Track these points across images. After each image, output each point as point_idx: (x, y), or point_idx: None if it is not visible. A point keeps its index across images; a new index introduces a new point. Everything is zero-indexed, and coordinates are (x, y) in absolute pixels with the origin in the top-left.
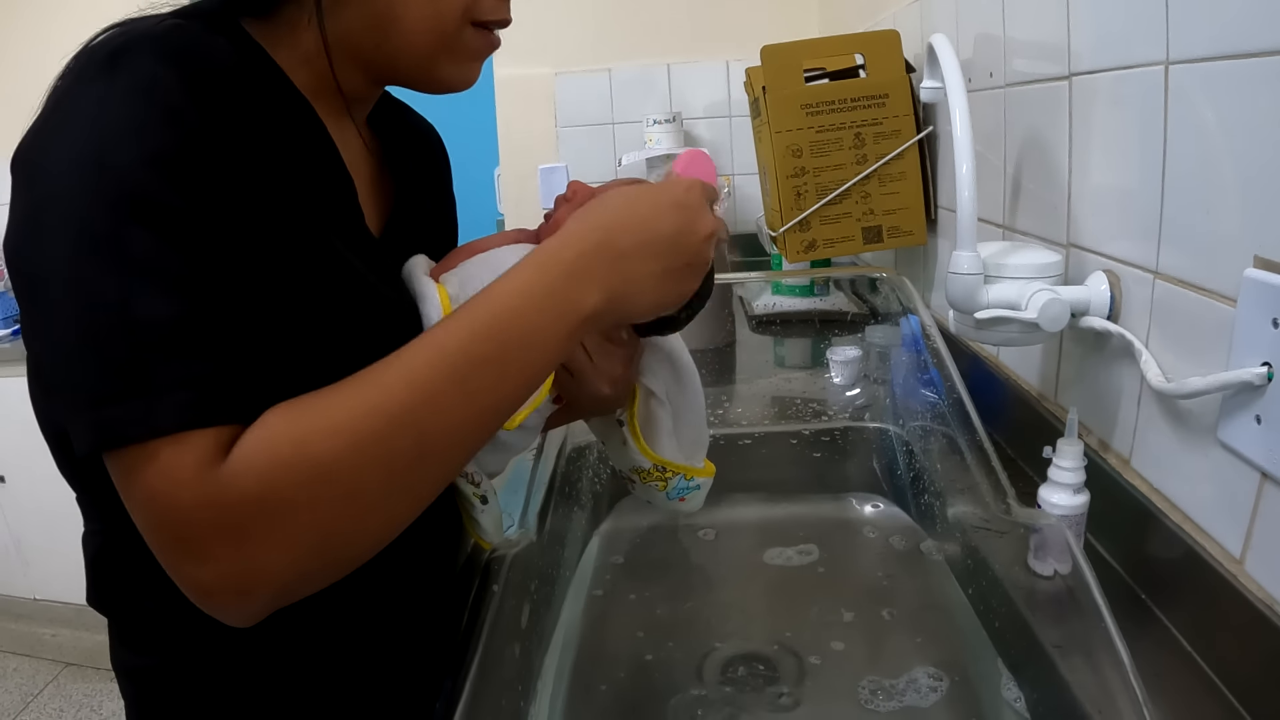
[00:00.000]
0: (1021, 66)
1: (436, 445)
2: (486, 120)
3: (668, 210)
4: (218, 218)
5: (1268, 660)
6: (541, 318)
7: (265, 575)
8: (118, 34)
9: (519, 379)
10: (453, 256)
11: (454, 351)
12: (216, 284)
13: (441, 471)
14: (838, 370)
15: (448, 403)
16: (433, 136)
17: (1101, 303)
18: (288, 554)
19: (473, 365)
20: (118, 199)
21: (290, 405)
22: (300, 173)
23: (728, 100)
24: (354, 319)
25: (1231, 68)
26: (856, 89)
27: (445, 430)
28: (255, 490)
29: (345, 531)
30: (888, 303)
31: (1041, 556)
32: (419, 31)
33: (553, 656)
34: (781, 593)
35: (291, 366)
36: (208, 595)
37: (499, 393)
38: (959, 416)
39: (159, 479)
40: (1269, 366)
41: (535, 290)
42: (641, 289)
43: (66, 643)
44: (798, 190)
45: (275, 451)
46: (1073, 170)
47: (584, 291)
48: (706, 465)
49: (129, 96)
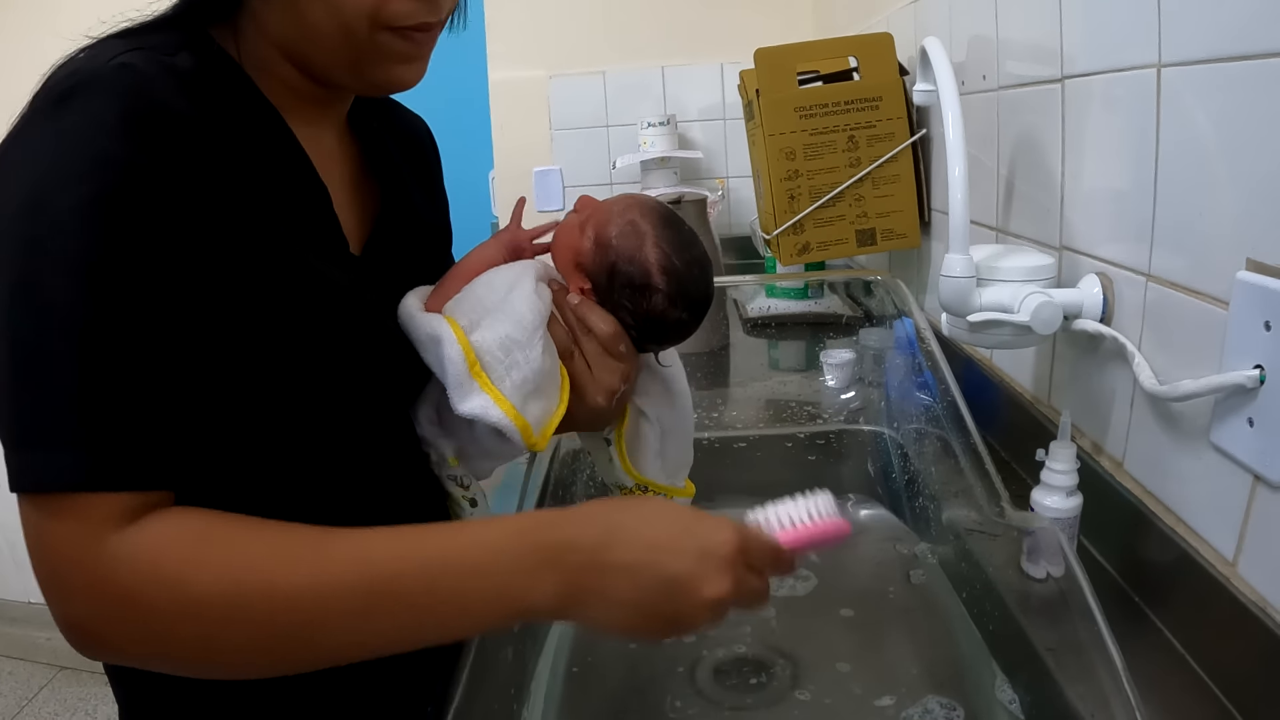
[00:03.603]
0: (1014, 69)
1: (320, 643)
2: (481, 123)
3: (687, 555)
4: (157, 261)
5: (1260, 662)
6: (487, 590)
7: (110, 649)
8: (66, 76)
9: (427, 633)
10: (449, 282)
11: (380, 575)
12: (139, 335)
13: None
14: (832, 373)
15: (345, 623)
16: (421, 130)
17: (1094, 305)
18: (134, 645)
19: (391, 598)
20: (43, 246)
21: (211, 519)
22: (269, 187)
23: (722, 103)
24: (334, 334)
25: (1224, 70)
26: (850, 92)
27: (331, 634)
28: (125, 585)
29: (192, 660)
30: (882, 305)
31: (1034, 559)
32: (329, 36)
33: (545, 660)
34: (775, 596)
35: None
36: (64, 631)
37: (400, 634)
38: (952, 419)
39: (50, 537)
40: (1261, 369)
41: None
42: (606, 611)
43: (61, 646)
44: (791, 193)
45: (161, 561)
46: (1065, 173)
47: (546, 583)
48: (687, 485)
49: (67, 143)
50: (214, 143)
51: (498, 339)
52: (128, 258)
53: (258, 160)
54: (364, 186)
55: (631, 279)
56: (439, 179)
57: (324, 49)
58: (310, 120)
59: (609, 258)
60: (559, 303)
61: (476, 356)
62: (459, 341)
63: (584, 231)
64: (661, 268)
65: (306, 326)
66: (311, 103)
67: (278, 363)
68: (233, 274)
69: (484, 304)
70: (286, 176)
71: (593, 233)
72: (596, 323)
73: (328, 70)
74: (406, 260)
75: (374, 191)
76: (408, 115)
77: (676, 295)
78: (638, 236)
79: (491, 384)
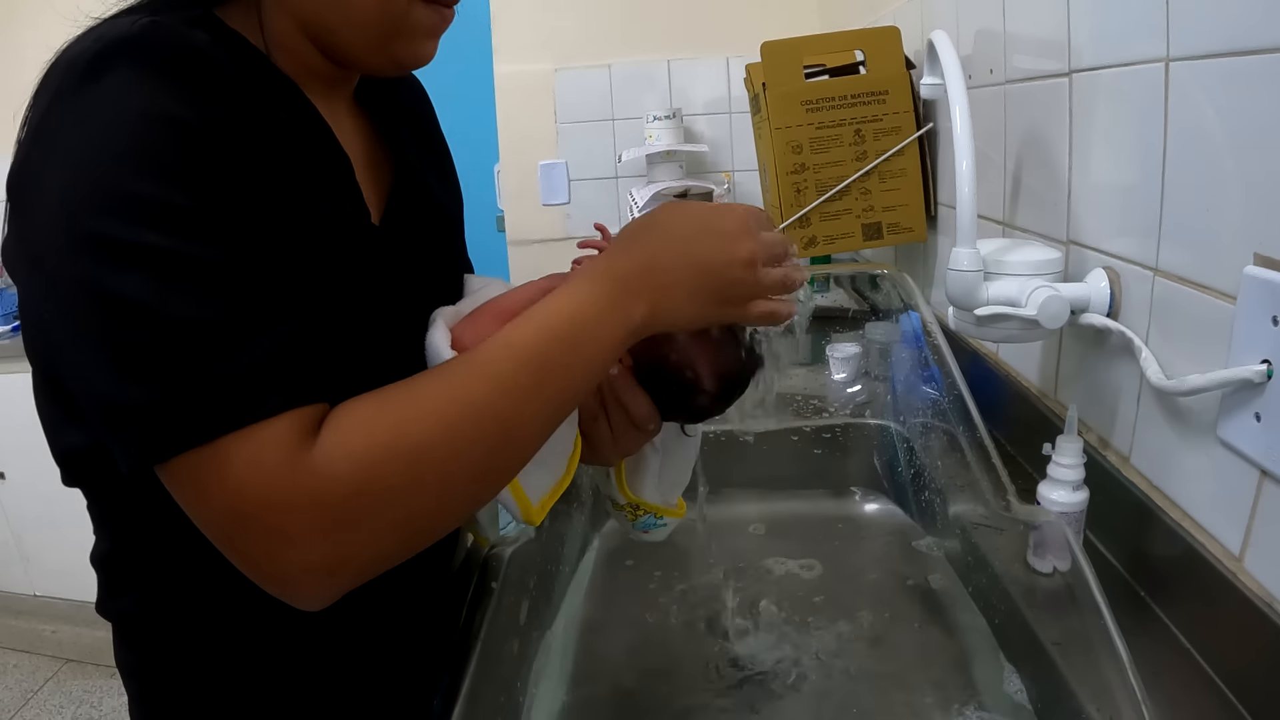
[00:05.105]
0: (1022, 63)
1: (516, 434)
2: (486, 116)
3: (713, 235)
4: (229, 208)
5: (1266, 657)
6: (600, 328)
7: (353, 560)
8: (93, 42)
9: (580, 377)
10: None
11: (529, 351)
12: (246, 273)
13: (520, 458)
14: (838, 367)
15: (525, 395)
16: (414, 88)
17: (1101, 300)
18: (378, 538)
19: (545, 364)
20: (125, 212)
21: (374, 395)
22: (298, 158)
23: (728, 96)
24: (357, 301)
25: (1232, 65)
26: (856, 85)
27: (523, 420)
28: (354, 476)
29: (434, 514)
30: (888, 299)
31: (1041, 553)
32: (367, 9)
33: (552, 653)
34: (781, 590)
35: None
36: (288, 583)
37: (565, 389)
38: (959, 413)
39: (244, 474)
40: (1269, 364)
41: (596, 301)
42: (681, 306)
43: (66, 639)
44: (798, 187)
45: (371, 437)
46: (1073, 167)
47: (633, 305)
48: (680, 505)
49: (116, 107)
50: (249, 104)
51: None
52: (211, 200)
53: (285, 128)
54: (377, 160)
55: (680, 377)
56: (438, 132)
57: (355, 21)
58: (324, 97)
59: (660, 350)
60: None
61: None
62: None
63: None
64: (714, 374)
65: (331, 294)
66: (324, 81)
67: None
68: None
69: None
70: (311, 146)
71: None
72: (631, 403)
73: (352, 46)
74: (421, 232)
75: (387, 166)
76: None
77: (721, 395)
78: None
79: None
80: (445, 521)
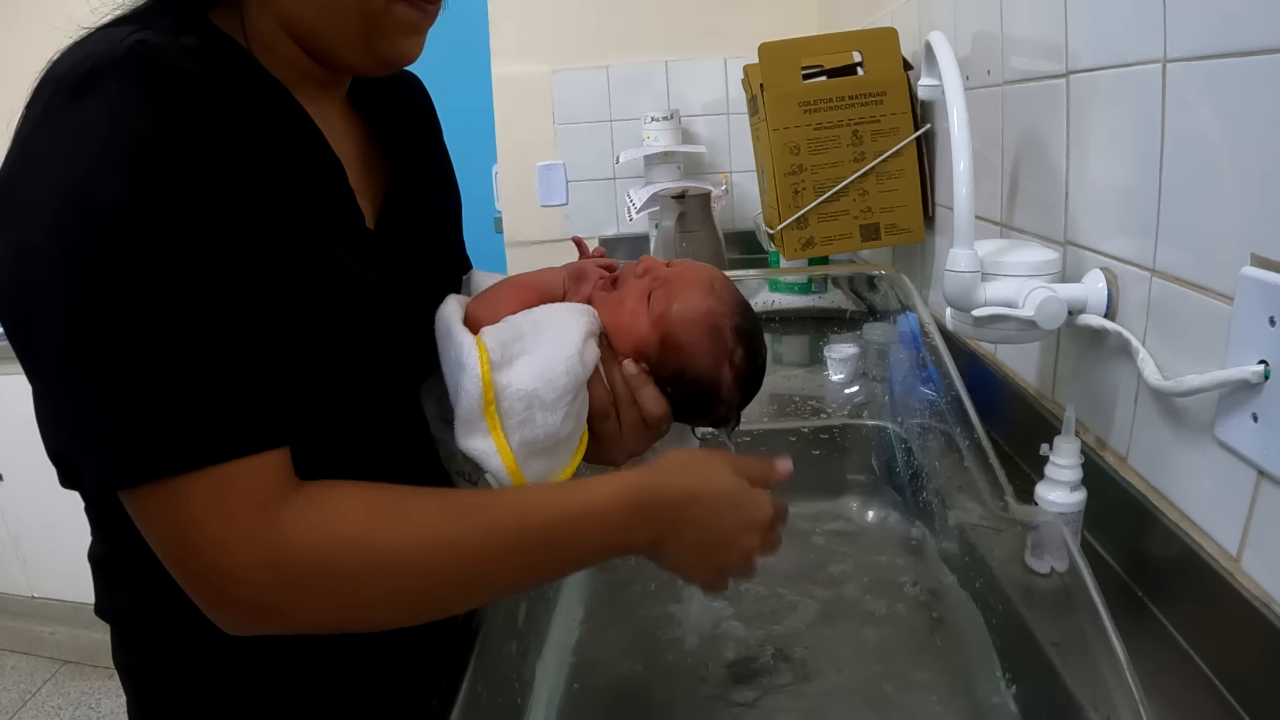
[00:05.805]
0: (1019, 64)
1: (485, 584)
2: (484, 117)
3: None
4: (209, 233)
5: (1264, 657)
6: (606, 533)
7: (286, 617)
8: (81, 59)
9: (566, 563)
10: (502, 294)
11: (534, 518)
12: (220, 305)
13: (477, 602)
14: (836, 368)
15: (510, 563)
16: (415, 87)
17: (1099, 300)
18: (317, 613)
19: (544, 538)
20: (103, 234)
21: (366, 489)
22: (288, 164)
23: (726, 98)
24: (350, 310)
25: (1229, 66)
26: (854, 86)
27: (497, 576)
28: (317, 550)
29: (377, 617)
30: (886, 300)
31: (1039, 554)
32: (345, 7)
33: (551, 654)
34: (780, 590)
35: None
36: (232, 625)
37: (549, 566)
38: (957, 414)
39: (202, 512)
40: (1266, 364)
41: (619, 509)
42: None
43: (64, 640)
44: (795, 188)
45: (346, 526)
46: (1070, 168)
47: (645, 531)
48: None
49: (100, 128)
50: (235, 116)
51: (523, 390)
52: (189, 226)
53: (274, 135)
54: (371, 163)
55: (697, 385)
56: (438, 135)
57: (336, 22)
58: (315, 99)
59: (681, 359)
60: (607, 364)
61: (495, 396)
62: (481, 378)
63: (654, 322)
64: (734, 383)
65: (323, 302)
66: (314, 82)
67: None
68: (263, 246)
69: (524, 342)
70: (302, 151)
71: (665, 328)
72: (646, 402)
73: (335, 46)
74: (417, 234)
75: (381, 168)
76: (400, 80)
77: (738, 400)
78: (716, 355)
79: (501, 430)
80: (384, 625)
